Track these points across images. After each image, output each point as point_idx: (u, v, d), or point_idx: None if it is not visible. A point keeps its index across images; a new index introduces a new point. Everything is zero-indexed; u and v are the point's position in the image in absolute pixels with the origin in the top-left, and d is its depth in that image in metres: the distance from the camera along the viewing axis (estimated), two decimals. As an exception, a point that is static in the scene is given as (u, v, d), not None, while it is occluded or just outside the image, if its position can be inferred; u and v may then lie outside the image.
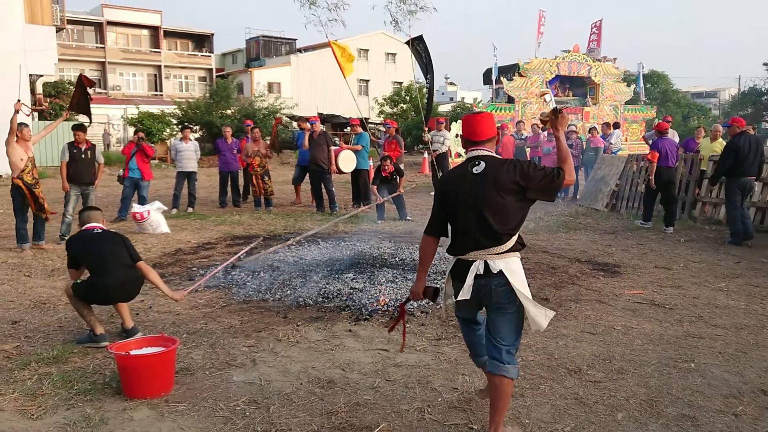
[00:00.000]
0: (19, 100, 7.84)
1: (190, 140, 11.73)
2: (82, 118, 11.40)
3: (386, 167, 10.26)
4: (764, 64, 36.23)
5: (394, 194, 10.32)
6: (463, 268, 3.07)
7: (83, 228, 4.73)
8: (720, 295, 5.90)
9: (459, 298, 3.08)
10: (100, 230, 4.70)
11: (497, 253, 3.01)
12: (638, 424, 3.32)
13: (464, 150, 3.22)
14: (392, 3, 10.82)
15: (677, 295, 5.91)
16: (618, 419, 3.37)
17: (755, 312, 5.36)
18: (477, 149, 3.14)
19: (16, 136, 7.72)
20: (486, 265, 3.00)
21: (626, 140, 21.57)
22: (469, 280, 3.03)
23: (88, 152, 8.79)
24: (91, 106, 8.78)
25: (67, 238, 8.28)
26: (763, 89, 37.93)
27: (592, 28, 24.64)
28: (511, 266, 3.02)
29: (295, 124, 15.67)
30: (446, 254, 3.28)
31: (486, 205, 2.99)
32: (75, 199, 8.56)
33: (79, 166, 8.62)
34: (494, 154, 3.15)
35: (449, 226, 3.19)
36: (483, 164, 3.04)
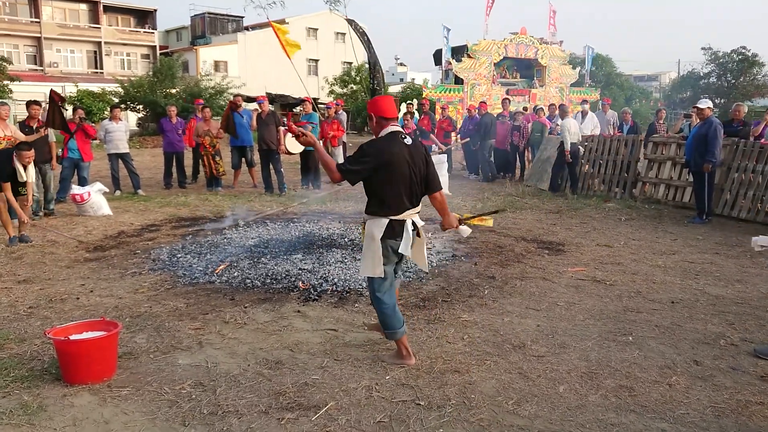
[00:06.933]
0: None
1: (121, 120, 11.28)
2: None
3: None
4: (702, 48, 37.45)
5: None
6: (399, 226, 3.61)
7: None
8: (657, 272, 6.13)
9: (401, 251, 3.61)
10: None
11: (417, 212, 3.70)
12: (579, 395, 3.44)
13: (375, 127, 3.67)
14: None
15: (617, 271, 6.12)
16: (560, 392, 3.48)
17: (690, 287, 5.60)
18: (395, 125, 3.65)
19: None
20: (413, 223, 3.65)
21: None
22: (408, 234, 3.61)
23: (41, 130, 8.54)
24: (65, 117, 9.02)
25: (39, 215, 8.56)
26: (701, 73, 39.27)
27: (550, 13, 24.89)
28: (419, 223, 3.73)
29: (250, 105, 15.33)
30: (365, 216, 3.65)
31: (419, 171, 3.62)
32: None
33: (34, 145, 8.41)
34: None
35: (382, 191, 3.57)
36: (408, 137, 3.63)
